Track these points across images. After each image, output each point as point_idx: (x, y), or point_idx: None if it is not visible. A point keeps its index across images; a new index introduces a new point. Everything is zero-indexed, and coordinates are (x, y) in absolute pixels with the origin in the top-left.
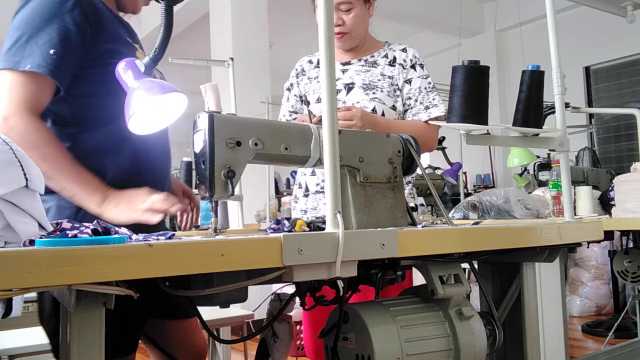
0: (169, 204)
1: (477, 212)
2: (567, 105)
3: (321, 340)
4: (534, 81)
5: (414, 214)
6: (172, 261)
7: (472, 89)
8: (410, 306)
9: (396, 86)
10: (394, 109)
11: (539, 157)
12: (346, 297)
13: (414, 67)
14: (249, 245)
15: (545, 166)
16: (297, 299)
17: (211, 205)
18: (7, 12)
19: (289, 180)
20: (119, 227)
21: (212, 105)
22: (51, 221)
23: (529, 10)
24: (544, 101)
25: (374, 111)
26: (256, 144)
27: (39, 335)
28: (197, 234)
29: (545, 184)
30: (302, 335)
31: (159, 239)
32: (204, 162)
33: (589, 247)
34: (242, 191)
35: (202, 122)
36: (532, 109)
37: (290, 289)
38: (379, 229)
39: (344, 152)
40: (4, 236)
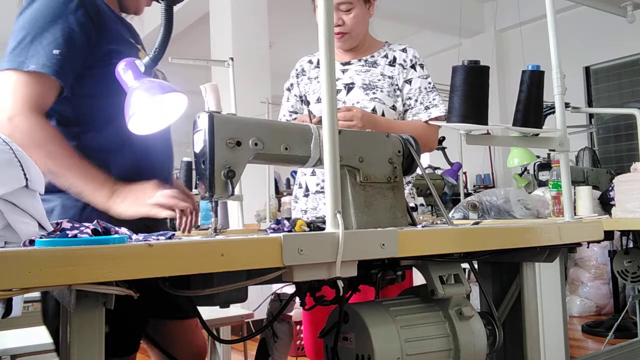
0: (176, 200)
1: (477, 212)
2: (567, 105)
3: (321, 340)
4: (534, 81)
5: (414, 214)
6: (172, 261)
7: (472, 89)
8: (410, 306)
9: (396, 86)
10: (394, 109)
11: (539, 157)
12: (346, 297)
13: (414, 67)
14: (249, 245)
15: (545, 166)
16: (297, 299)
17: (211, 205)
18: (6, 12)
19: (289, 180)
20: (119, 227)
21: (212, 105)
22: (57, 220)
23: (529, 10)
24: (544, 101)
25: (374, 111)
26: (256, 144)
27: (40, 335)
28: (197, 234)
29: (545, 184)
30: (302, 335)
31: (159, 239)
32: (204, 162)
33: (589, 247)
34: (242, 191)
35: (202, 122)
36: (532, 109)
37: (290, 289)
38: (379, 229)
39: (344, 152)
40: (4, 236)
